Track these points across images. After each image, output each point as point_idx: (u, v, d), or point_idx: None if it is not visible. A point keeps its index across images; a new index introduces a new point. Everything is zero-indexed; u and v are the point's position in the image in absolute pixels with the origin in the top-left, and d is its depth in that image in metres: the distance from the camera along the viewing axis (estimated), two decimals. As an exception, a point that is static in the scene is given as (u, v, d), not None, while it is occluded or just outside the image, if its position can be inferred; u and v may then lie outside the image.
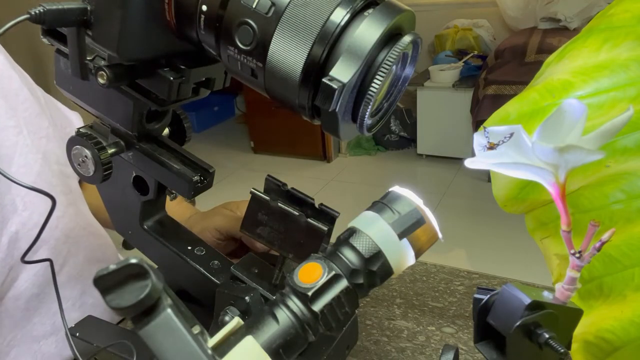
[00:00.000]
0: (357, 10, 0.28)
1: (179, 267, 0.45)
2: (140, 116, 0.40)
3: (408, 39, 0.29)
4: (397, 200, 0.29)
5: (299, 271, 0.27)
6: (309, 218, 0.39)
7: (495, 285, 0.56)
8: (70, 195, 0.58)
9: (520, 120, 0.36)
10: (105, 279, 0.19)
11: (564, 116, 0.24)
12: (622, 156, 0.33)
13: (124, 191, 0.45)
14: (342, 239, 0.28)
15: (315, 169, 2.97)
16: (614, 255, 0.32)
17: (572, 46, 0.37)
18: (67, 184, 0.59)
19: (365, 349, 0.49)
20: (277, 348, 0.25)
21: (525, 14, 2.65)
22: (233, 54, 0.31)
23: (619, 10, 0.35)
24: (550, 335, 0.26)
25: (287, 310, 0.26)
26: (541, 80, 0.37)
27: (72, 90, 0.41)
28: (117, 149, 0.41)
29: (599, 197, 0.33)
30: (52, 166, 0.56)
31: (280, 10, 0.29)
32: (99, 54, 0.35)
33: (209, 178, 0.42)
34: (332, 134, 0.31)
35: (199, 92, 0.39)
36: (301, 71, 0.29)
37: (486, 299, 0.28)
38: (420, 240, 0.29)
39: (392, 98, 0.34)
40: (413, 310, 0.54)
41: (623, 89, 0.33)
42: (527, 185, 0.36)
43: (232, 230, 0.58)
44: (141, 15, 0.32)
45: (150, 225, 0.46)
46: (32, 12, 0.30)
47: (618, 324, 0.32)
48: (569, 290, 0.26)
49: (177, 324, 0.20)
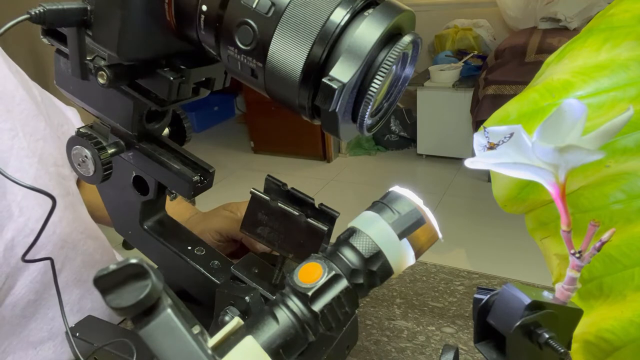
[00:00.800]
0: (357, 10, 0.28)
1: (179, 267, 0.45)
2: (140, 116, 0.40)
3: (408, 39, 0.29)
4: (397, 200, 0.29)
5: (299, 271, 0.27)
6: (309, 218, 0.39)
7: (495, 285, 0.56)
8: (68, 198, 0.58)
9: (520, 120, 0.36)
10: (105, 279, 0.19)
11: (564, 116, 0.24)
12: (622, 156, 0.33)
13: (124, 191, 0.45)
14: (342, 239, 0.28)
15: (315, 169, 2.97)
16: (614, 255, 0.32)
17: (572, 46, 0.37)
18: (64, 186, 0.58)
19: (365, 349, 0.49)
20: (277, 348, 0.25)
21: (525, 14, 2.65)
22: (233, 54, 0.31)
23: (619, 10, 0.35)
24: (550, 335, 0.26)
25: (287, 310, 0.26)
26: (541, 80, 0.37)
27: (72, 90, 0.41)
28: (117, 149, 0.41)
29: (599, 197, 0.33)
30: (49, 169, 0.55)
31: (280, 10, 0.29)
32: (99, 54, 0.35)
33: (209, 178, 0.42)
34: (332, 134, 0.31)
35: (199, 92, 0.39)
36: (301, 71, 0.29)
37: (486, 299, 0.28)
38: (420, 240, 0.29)
39: (392, 98, 0.34)
40: (413, 310, 0.54)
41: (623, 89, 0.33)
42: (527, 185, 0.36)
43: (232, 232, 0.58)
44: (141, 15, 0.32)
45: (150, 225, 0.46)
46: (32, 12, 0.30)
47: (618, 324, 0.32)
48: (569, 290, 0.26)
49: (177, 324, 0.20)
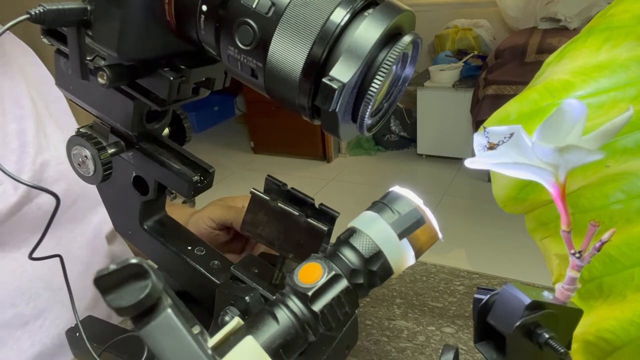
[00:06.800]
0: (357, 10, 0.28)
1: (179, 267, 0.45)
2: (140, 116, 0.40)
3: (408, 39, 0.29)
4: (397, 200, 0.29)
5: (299, 271, 0.27)
6: (309, 218, 0.39)
7: (495, 285, 0.56)
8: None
9: (520, 120, 0.36)
10: (106, 279, 0.19)
11: (564, 116, 0.24)
12: (622, 156, 0.33)
13: (124, 191, 0.45)
14: (342, 239, 0.28)
15: (315, 169, 2.97)
16: (614, 255, 0.32)
17: (572, 46, 0.37)
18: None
19: (365, 349, 0.49)
20: (277, 348, 0.25)
21: (525, 14, 2.65)
22: (233, 54, 0.31)
23: (619, 10, 0.35)
24: (550, 335, 0.26)
25: (287, 310, 0.26)
26: (541, 80, 0.37)
27: (72, 90, 0.41)
28: (117, 149, 0.41)
29: (599, 197, 0.33)
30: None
31: (280, 10, 0.28)
32: (99, 54, 0.35)
33: (209, 178, 0.42)
34: (332, 134, 0.31)
35: (199, 92, 0.39)
36: (301, 71, 0.29)
37: (486, 299, 0.28)
38: (420, 240, 0.29)
39: (392, 98, 0.34)
40: (413, 310, 0.54)
41: (623, 89, 0.33)
42: (527, 185, 0.36)
43: (224, 218, 0.57)
44: (141, 15, 0.32)
45: (150, 225, 0.46)
46: (32, 12, 0.30)
47: (618, 324, 0.32)
48: (569, 290, 0.26)
49: (177, 324, 0.20)
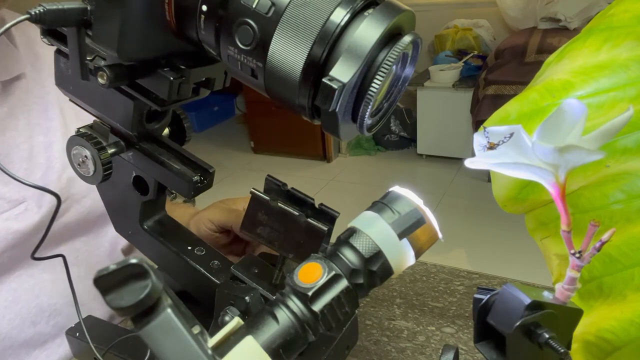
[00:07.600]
0: (357, 10, 0.28)
1: (179, 267, 0.45)
2: (140, 116, 0.40)
3: (408, 39, 0.29)
4: (397, 200, 0.29)
5: (299, 271, 0.27)
6: (309, 218, 0.39)
7: (495, 285, 0.56)
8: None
9: (520, 120, 0.36)
10: (106, 279, 0.19)
11: (564, 116, 0.24)
12: (622, 156, 0.33)
13: (124, 191, 0.45)
14: (342, 239, 0.28)
15: (315, 169, 2.97)
16: (614, 255, 0.32)
17: (572, 46, 0.37)
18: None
19: (365, 349, 0.49)
20: (277, 348, 0.25)
21: (525, 14, 2.65)
22: (233, 54, 0.31)
23: (619, 10, 0.35)
24: (550, 335, 0.26)
25: (287, 310, 0.26)
26: (541, 80, 0.37)
27: (72, 90, 0.41)
28: (117, 149, 0.41)
29: (599, 197, 0.33)
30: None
31: (280, 10, 0.28)
32: (99, 54, 0.35)
33: (209, 178, 0.42)
34: (332, 134, 0.31)
35: (199, 92, 0.39)
36: (301, 71, 0.29)
37: (486, 299, 0.28)
38: (420, 240, 0.28)
39: (392, 98, 0.34)
40: (413, 310, 0.54)
41: (623, 89, 0.33)
42: (527, 185, 0.36)
43: (225, 221, 0.57)
44: (141, 15, 0.32)
45: (150, 225, 0.46)
46: (32, 12, 0.30)
47: (618, 324, 0.32)
48: (569, 290, 0.26)
49: (177, 324, 0.20)
